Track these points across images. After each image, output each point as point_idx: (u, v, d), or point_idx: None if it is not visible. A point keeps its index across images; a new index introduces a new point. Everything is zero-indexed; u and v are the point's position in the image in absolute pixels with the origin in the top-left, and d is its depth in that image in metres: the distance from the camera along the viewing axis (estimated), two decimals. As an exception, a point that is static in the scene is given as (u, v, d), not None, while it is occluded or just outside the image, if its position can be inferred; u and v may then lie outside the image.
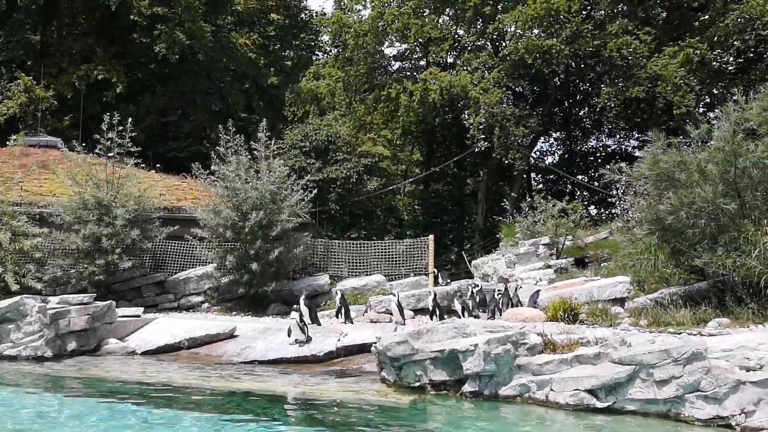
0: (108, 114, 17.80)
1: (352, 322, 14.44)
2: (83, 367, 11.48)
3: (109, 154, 17.90)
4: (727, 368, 7.70)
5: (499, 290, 15.37)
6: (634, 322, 11.77)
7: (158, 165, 23.48)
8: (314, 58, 45.22)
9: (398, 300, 13.83)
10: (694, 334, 9.88)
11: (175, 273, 18.10)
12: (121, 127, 17.76)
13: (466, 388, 9.00)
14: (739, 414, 7.37)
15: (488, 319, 13.40)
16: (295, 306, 12.81)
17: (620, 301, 13.32)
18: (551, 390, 8.44)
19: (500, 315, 13.67)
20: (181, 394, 9.36)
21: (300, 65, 43.12)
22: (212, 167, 17.68)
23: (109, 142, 17.78)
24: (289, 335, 12.13)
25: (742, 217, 11.51)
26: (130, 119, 18.12)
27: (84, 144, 19.10)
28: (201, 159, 19.43)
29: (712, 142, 12.34)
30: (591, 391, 8.18)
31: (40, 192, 19.90)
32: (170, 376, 10.63)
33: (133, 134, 17.97)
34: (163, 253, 18.50)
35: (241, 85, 37.32)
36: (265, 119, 18.97)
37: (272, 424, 7.56)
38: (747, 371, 7.73)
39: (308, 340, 12.09)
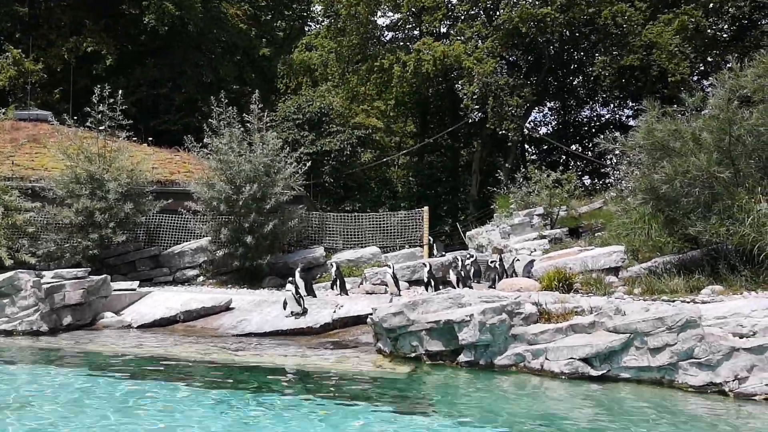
0: (98, 86, 17.60)
1: (347, 294, 14.48)
2: (79, 341, 11.50)
3: (101, 128, 17.75)
4: (720, 335, 7.75)
5: (493, 261, 15.43)
6: (628, 290, 11.85)
7: (150, 138, 23.32)
8: (306, 29, 44.77)
9: (393, 271, 13.85)
10: (688, 302, 9.95)
11: (170, 247, 18.08)
12: (111, 100, 17.57)
13: (462, 358, 9.06)
14: (733, 380, 7.44)
15: (489, 288, 13.45)
16: (290, 278, 12.84)
17: (614, 271, 13.38)
18: (546, 359, 8.49)
19: (495, 285, 13.73)
20: (177, 366, 9.40)
21: (292, 36, 42.70)
22: (205, 140, 17.56)
23: (100, 115, 17.61)
24: (284, 308, 12.16)
25: (736, 186, 11.53)
26: (120, 92, 17.93)
27: (75, 117, 18.91)
28: (193, 132, 19.29)
29: (706, 111, 12.32)
30: (586, 360, 8.24)
31: (32, 166, 19.75)
32: (167, 349, 10.65)
33: (124, 107, 17.82)
34: (156, 226, 18.45)
35: (232, 57, 36.92)
36: (257, 91, 18.78)
37: (269, 395, 7.60)
38: (740, 338, 7.78)
39: (304, 312, 12.12)
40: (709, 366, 7.60)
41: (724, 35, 30.51)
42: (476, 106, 30.59)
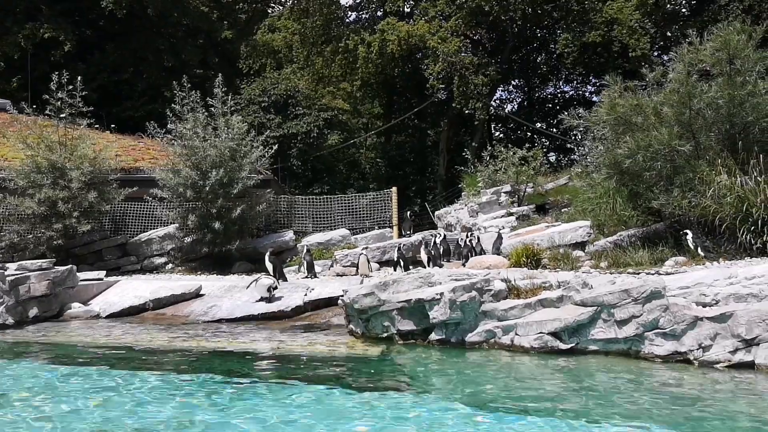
0: (57, 74, 17.23)
1: (315, 276, 14.50)
2: (47, 332, 11.34)
3: (61, 116, 17.39)
4: (684, 305, 7.92)
5: (462, 239, 15.55)
6: (595, 264, 12.04)
7: (113, 125, 22.92)
8: (269, 11, 44.22)
9: (365, 253, 13.89)
10: (653, 274, 10.15)
11: (137, 235, 17.85)
12: (71, 87, 17.22)
13: (433, 336, 9.14)
14: (697, 349, 7.62)
15: (462, 266, 13.56)
16: (264, 273, 12.89)
17: (581, 245, 13.60)
18: (516, 334, 8.61)
19: (465, 264, 13.84)
20: (147, 355, 9.34)
21: (255, 18, 42.14)
22: (169, 126, 17.35)
23: (59, 103, 17.24)
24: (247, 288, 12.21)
25: (696, 158, 11.77)
26: (80, 78, 17.56)
27: (34, 106, 18.49)
28: (157, 118, 19.00)
29: (667, 85, 12.50)
30: (555, 334, 8.37)
31: (-9, 157, 19.32)
32: (136, 337, 10.56)
33: (84, 94, 17.43)
34: (122, 215, 18.20)
35: (194, 41, 36.39)
36: (221, 74, 18.56)
37: (242, 380, 7.59)
38: (703, 307, 7.97)
39: (272, 297, 12.12)
40: (674, 336, 7.78)
41: (684, 10, 30.92)
42: (442, 86, 30.66)
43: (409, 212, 20.18)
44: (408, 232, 18.28)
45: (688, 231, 11.43)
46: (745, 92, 11.54)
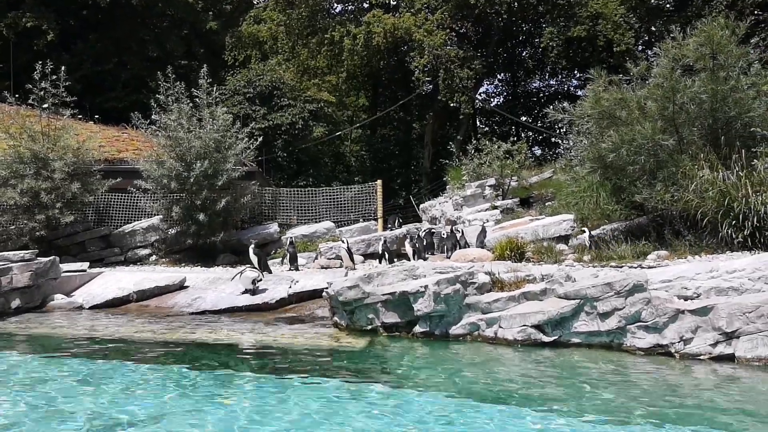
0: (40, 63, 17.05)
1: (298, 269, 14.51)
2: (29, 324, 11.25)
3: (44, 105, 17.23)
4: (666, 298, 8.01)
5: (446, 232, 15.61)
6: (578, 258, 12.14)
7: (96, 116, 22.74)
8: (254, 2, 43.95)
9: (348, 245, 13.89)
10: (635, 267, 10.24)
11: (120, 226, 17.77)
12: (54, 77, 17.06)
13: (418, 329, 9.18)
14: (678, 342, 7.71)
15: (447, 258, 13.61)
16: (249, 266, 12.85)
17: (564, 239, 13.69)
18: (500, 327, 8.66)
19: (449, 256, 13.89)
20: (131, 346, 9.30)
21: (240, 9, 41.88)
22: (153, 117, 17.23)
23: (42, 93, 17.10)
24: (231, 279, 12.17)
25: (679, 153, 11.87)
26: (63, 68, 17.40)
27: (16, 95, 18.30)
28: (141, 108, 18.86)
29: (651, 80, 12.58)
30: (538, 327, 8.44)
31: (-28, 147, 19.08)
32: (119, 329, 10.51)
33: (67, 84, 17.32)
34: (106, 206, 18.10)
35: (179, 31, 36.13)
36: (206, 65, 18.45)
37: (226, 372, 7.59)
38: (685, 300, 8.06)
39: (256, 290, 12.11)
40: (656, 328, 7.86)
41: (668, 5, 31.09)
42: (427, 79, 30.66)
43: (397, 219, 20.11)
44: (397, 224, 18.31)
45: (585, 229, 11.91)
46: (728, 87, 11.65)
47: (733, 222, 10.73)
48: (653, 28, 30.76)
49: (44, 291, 12.96)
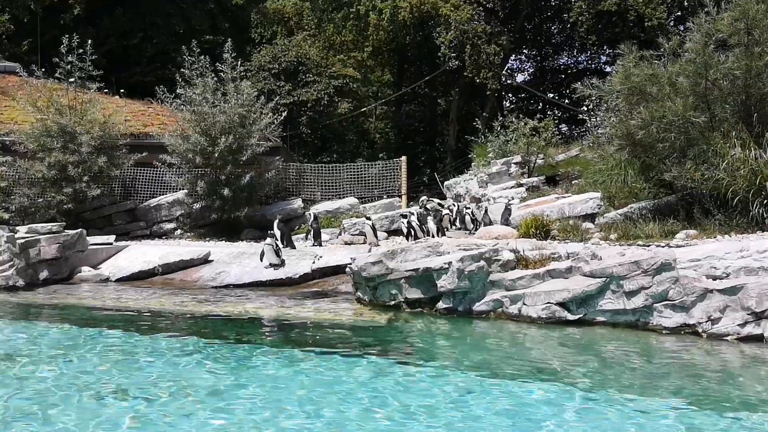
0: (67, 36, 17.12)
1: (321, 245, 14.51)
2: (57, 295, 11.43)
3: (70, 79, 17.34)
4: (694, 278, 7.88)
5: (470, 209, 15.51)
6: (604, 236, 11.96)
7: (122, 90, 22.82)
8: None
9: (372, 222, 13.85)
10: (663, 246, 10.08)
11: (146, 200, 17.87)
12: (81, 51, 17.12)
13: (441, 305, 9.14)
14: (706, 321, 7.60)
15: (471, 235, 13.50)
16: (270, 231, 12.84)
17: (591, 217, 13.51)
18: (524, 304, 8.60)
19: (473, 233, 13.81)
20: (157, 318, 9.41)
21: (265, -17, 41.60)
22: (178, 91, 17.25)
23: (69, 66, 17.18)
24: (261, 259, 12.13)
25: (711, 130, 11.61)
26: (89, 42, 17.45)
27: (44, 69, 18.40)
28: (166, 83, 18.87)
29: (683, 55, 12.28)
30: (562, 304, 8.36)
31: (1, 120, 19.28)
32: (145, 301, 10.63)
33: (93, 58, 17.36)
34: (132, 180, 18.20)
35: (204, 6, 36.00)
36: (230, 40, 18.39)
37: (250, 346, 7.64)
38: (714, 280, 7.92)
39: (282, 263, 12.13)
40: (683, 307, 7.75)
41: (702, -21, 30.30)
42: (453, 55, 30.26)
43: (425, 202, 19.40)
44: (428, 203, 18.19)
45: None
46: (763, 63, 11.35)
47: (765, 201, 10.51)
48: (686, 3, 30.01)
49: (71, 263, 13.13)
